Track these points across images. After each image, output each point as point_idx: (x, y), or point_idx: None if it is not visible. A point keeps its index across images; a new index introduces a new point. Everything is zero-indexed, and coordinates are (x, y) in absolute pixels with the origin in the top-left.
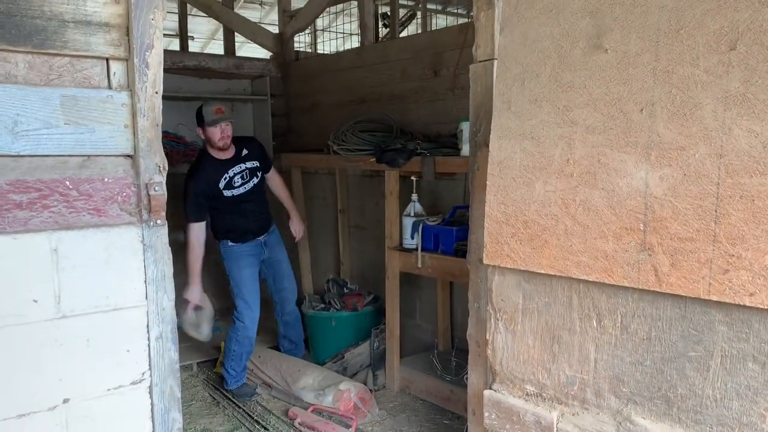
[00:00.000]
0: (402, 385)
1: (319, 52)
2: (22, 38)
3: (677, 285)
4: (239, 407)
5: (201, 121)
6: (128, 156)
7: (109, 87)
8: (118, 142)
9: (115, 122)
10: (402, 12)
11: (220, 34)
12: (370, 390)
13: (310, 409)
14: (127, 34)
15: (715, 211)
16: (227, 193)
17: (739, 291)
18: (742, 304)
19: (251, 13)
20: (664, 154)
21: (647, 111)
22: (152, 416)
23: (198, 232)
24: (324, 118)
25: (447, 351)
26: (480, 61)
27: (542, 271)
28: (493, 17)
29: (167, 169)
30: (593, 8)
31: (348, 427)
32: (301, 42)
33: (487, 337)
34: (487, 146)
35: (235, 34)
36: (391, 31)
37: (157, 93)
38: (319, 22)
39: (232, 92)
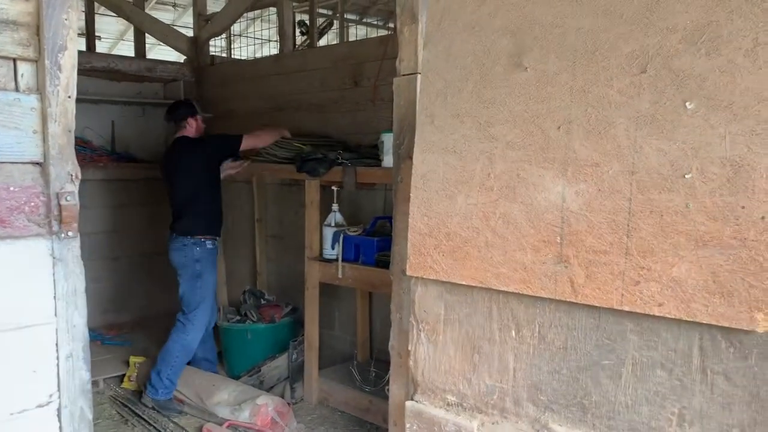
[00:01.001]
0: (321, 397)
1: (234, 57)
2: None
3: (592, 296)
4: (150, 424)
5: (194, 112)
6: (37, 163)
7: (17, 89)
8: (26, 148)
9: (23, 127)
10: (320, 21)
11: (130, 35)
12: (288, 403)
13: (226, 425)
14: (38, 34)
15: (627, 225)
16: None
17: (648, 301)
18: (651, 314)
19: (164, 15)
20: (580, 170)
21: (564, 128)
22: None
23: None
24: (240, 125)
25: (366, 362)
26: (404, 75)
27: (464, 283)
28: (416, 32)
29: (80, 177)
30: (514, 27)
31: None
32: (216, 46)
33: (409, 348)
34: (411, 159)
35: (147, 35)
36: (310, 39)
37: (70, 97)
38: (236, 27)
39: (143, 96)
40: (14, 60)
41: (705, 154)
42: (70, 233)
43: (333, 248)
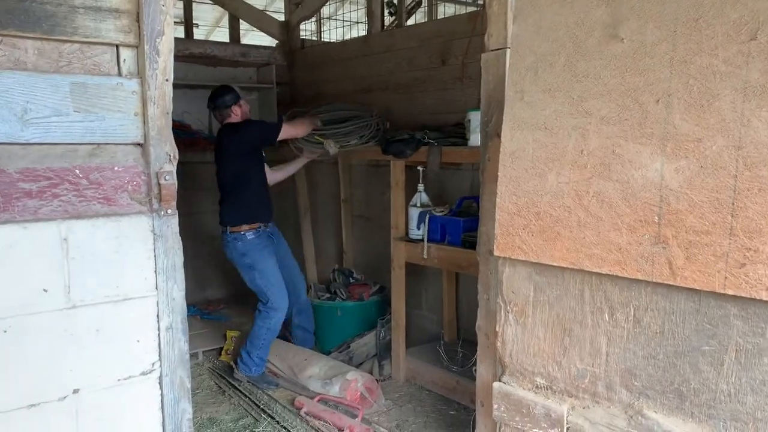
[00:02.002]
0: (408, 375)
1: (324, 39)
2: (31, 24)
3: (692, 278)
4: (245, 396)
5: (238, 98)
6: (138, 144)
7: (119, 74)
8: (128, 130)
9: (125, 110)
10: (408, 0)
11: (225, 22)
12: (377, 380)
13: (317, 398)
14: (138, 20)
15: (732, 203)
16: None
17: (755, 285)
18: (758, 298)
19: (256, 0)
20: (681, 145)
21: (663, 102)
22: (162, 407)
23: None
24: None
25: (453, 342)
26: (492, 50)
27: (554, 264)
28: (506, 5)
29: (178, 158)
30: None
31: (354, 416)
32: (306, 30)
33: (497, 329)
34: (499, 137)
35: (240, 21)
36: (398, 19)
37: (167, 80)
38: (325, 10)
39: (237, 80)
40: (117, 46)
41: None
42: (169, 211)
43: (419, 228)
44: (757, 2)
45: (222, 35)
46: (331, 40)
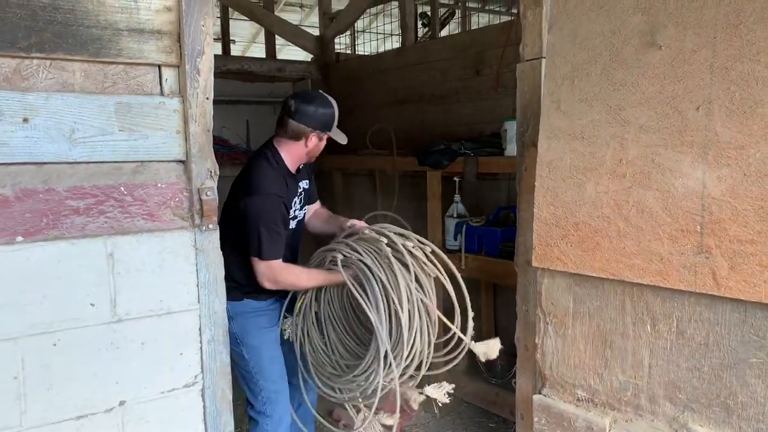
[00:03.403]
0: None
1: (358, 53)
2: (78, 47)
3: (737, 289)
4: None
5: (329, 124)
6: (180, 161)
7: (162, 93)
8: (171, 147)
9: (168, 128)
10: (441, 11)
11: (261, 37)
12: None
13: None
14: (179, 41)
15: None
16: (292, 223)
17: None
18: None
19: (291, 16)
20: (723, 153)
21: (704, 109)
22: (204, 419)
23: (291, 270)
24: (365, 119)
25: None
26: (527, 60)
27: (594, 274)
28: (540, 15)
29: (218, 174)
30: (646, 4)
31: (392, 429)
32: (340, 44)
33: (536, 341)
34: (536, 146)
35: (276, 36)
36: (431, 30)
37: (208, 99)
38: (359, 23)
39: (274, 95)
40: (159, 66)
41: None
42: (210, 226)
43: (455, 239)
44: None
45: (258, 50)
46: (365, 53)
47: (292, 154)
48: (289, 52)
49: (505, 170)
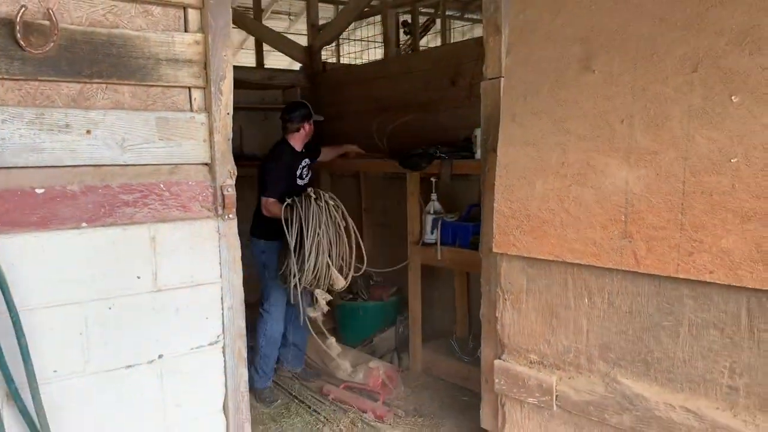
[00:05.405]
0: (424, 366)
1: (341, 57)
2: (128, 74)
3: (652, 266)
4: (280, 385)
5: (309, 116)
6: (206, 164)
7: (192, 110)
8: (199, 153)
9: (197, 138)
10: (423, 19)
11: (249, 43)
12: (397, 370)
13: (342, 386)
14: (205, 68)
15: (682, 204)
16: (299, 181)
17: (701, 270)
18: (704, 280)
19: (278, 23)
20: (641, 157)
21: (627, 122)
22: (225, 370)
23: (275, 204)
24: (351, 124)
25: (464, 336)
26: (489, 79)
27: (542, 257)
28: (500, 42)
29: (236, 173)
30: (583, 36)
31: (376, 400)
32: (326, 50)
33: (497, 315)
34: (495, 151)
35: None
36: (413, 40)
37: (228, 114)
38: (343, 33)
39: (265, 102)
40: (190, 88)
41: (749, 141)
42: (230, 215)
43: (432, 233)
44: (697, 41)
45: (245, 55)
46: (348, 58)
47: (296, 139)
48: (275, 57)
49: (476, 172)
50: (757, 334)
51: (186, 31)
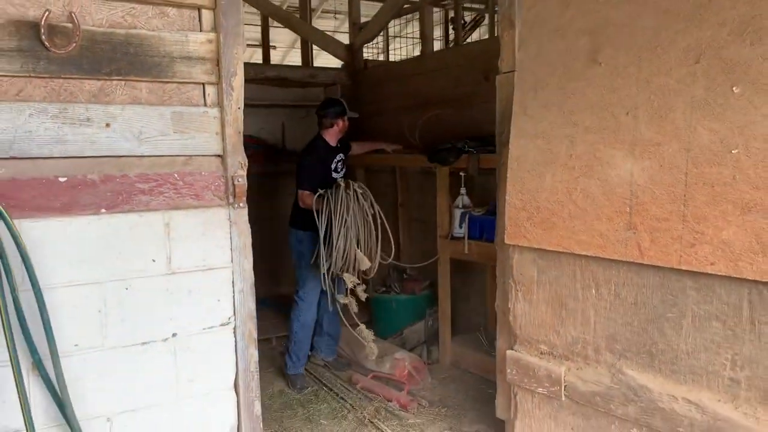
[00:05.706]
0: (453, 359)
1: (391, 56)
2: (145, 71)
3: (656, 257)
4: (310, 373)
5: (343, 112)
6: (218, 156)
7: (205, 105)
8: (211, 145)
9: (209, 131)
10: (471, 14)
11: (300, 43)
12: (425, 362)
13: (370, 375)
14: (218, 65)
15: (684, 195)
16: (334, 174)
17: (702, 261)
18: (705, 272)
19: (327, 23)
20: (645, 149)
21: (632, 114)
22: (235, 350)
23: (309, 196)
24: (390, 121)
25: (494, 330)
26: (504, 73)
27: (552, 249)
28: (513, 36)
29: (247, 165)
30: (590, 29)
31: (402, 390)
32: (374, 48)
33: (510, 306)
34: (509, 145)
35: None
36: (456, 36)
37: (239, 108)
38: (391, 29)
39: (307, 99)
40: (203, 84)
41: (749, 132)
42: (240, 204)
43: (461, 227)
44: (700, 32)
45: (297, 55)
46: (399, 57)
47: (331, 134)
48: (326, 57)
49: None
50: (758, 327)
51: (200, 30)
